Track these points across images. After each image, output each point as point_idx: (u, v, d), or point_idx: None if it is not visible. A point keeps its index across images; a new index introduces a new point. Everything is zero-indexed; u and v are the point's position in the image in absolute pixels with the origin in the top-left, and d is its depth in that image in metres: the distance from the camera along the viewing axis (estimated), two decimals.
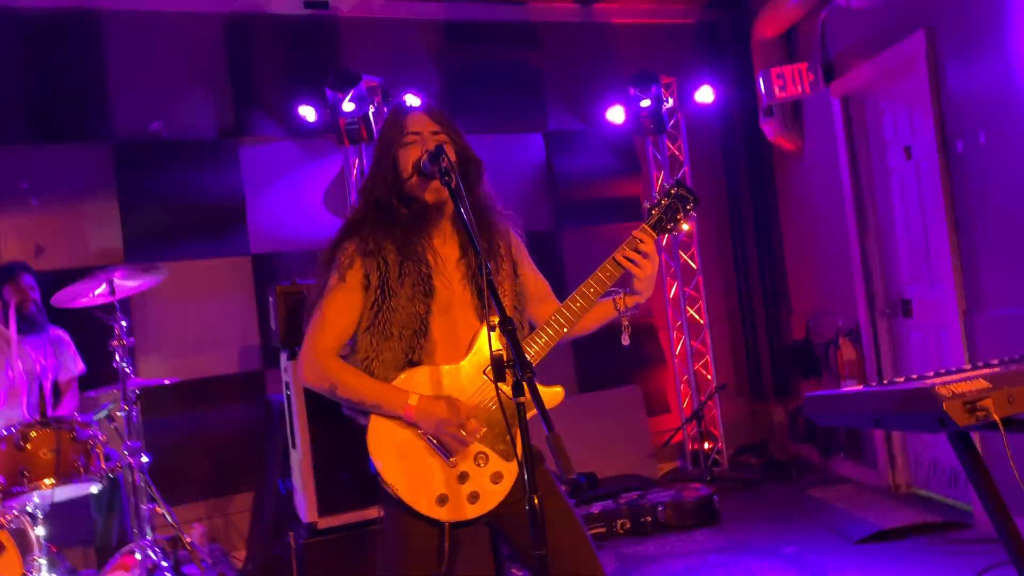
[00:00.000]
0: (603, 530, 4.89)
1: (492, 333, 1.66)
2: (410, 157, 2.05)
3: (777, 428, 6.43)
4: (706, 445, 6.09)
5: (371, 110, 5.08)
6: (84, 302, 3.89)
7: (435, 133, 2.10)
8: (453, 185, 1.90)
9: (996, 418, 1.46)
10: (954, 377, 1.60)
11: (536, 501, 1.60)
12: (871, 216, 5.21)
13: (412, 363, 2.01)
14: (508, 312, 2.00)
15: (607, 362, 5.91)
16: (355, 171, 5.34)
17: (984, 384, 1.50)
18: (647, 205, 2.25)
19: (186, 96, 5.24)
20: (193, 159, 5.23)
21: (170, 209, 5.15)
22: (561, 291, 6.14)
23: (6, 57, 4.88)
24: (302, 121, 5.23)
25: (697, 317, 6.26)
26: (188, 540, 3.90)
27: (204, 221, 5.22)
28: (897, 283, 5.09)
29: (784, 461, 6.04)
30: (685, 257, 6.23)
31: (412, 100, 5.22)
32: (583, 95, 6.17)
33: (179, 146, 5.20)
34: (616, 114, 6.02)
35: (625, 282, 2.24)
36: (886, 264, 5.17)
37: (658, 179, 6.30)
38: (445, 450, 1.95)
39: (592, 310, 2.20)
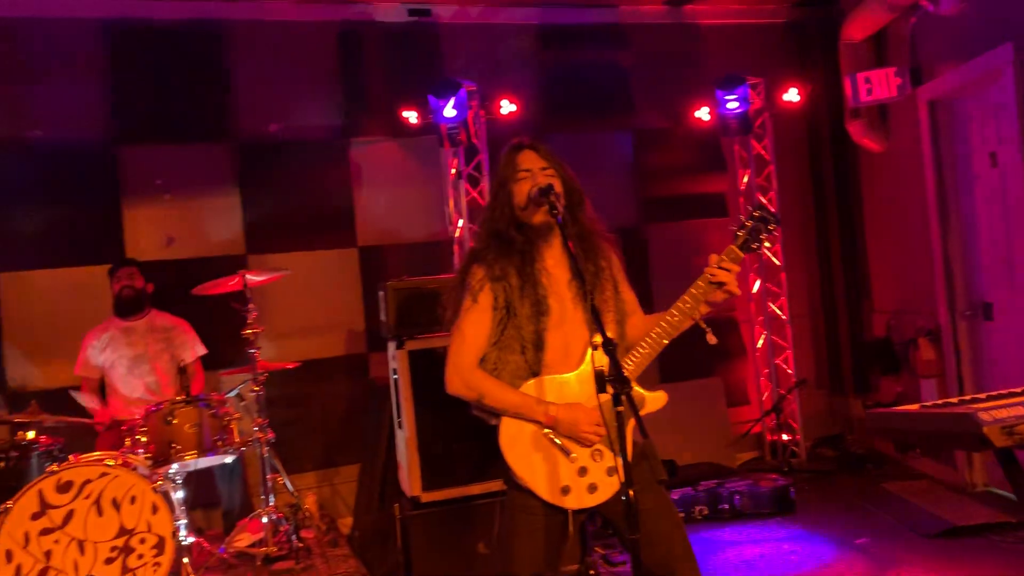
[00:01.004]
0: (681, 515, 5.11)
1: (595, 352, 1.98)
2: (523, 191, 2.37)
3: (855, 422, 6.56)
4: (784, 437, 6.28)
5: (470, 114, 5.40)
6: (219, 291, 4.36)
7: (544, 169, 2.40)
8: (559, 219, 2.21)
9: None
10: (999, 403, 1.82)
11: (631, 494, 1.91)
12: (954, 219, 5.29)
13: (533, 373, 2.33)
14: (611, 328, 2.32)
15: (689, 354, 6.11)
16: (453, 171, 5.70)
17: (1022, 411, 1.73)
18: (733, 228, 2.48)
19: (302, 99, 5.68)
20: (307, 157, 5.68)
21: (286, 204, 5.62)
22: (647, 284, 6.39)
23: (142, 65, 5.40)
24: (406, 124, 5.62)
25: (779, 312, 6.43)
26: (305, 507, 4.35)
27: (316, 215, 5.68)
28: (978, 286, 5.18)
29: (861, 455, 6.18)
30: (768, 254, 6.40)
31: (507, 105, 5.56)
32: (671, 94, 6.37)
33: (295, 145, 5.65)
34: (703, 113, 6.22)
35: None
36: (968, 267, 5.26)
37: (744, 178, 6.47)
38: (567, 449, 2.27)
39: None
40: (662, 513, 2.31)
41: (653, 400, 2.39)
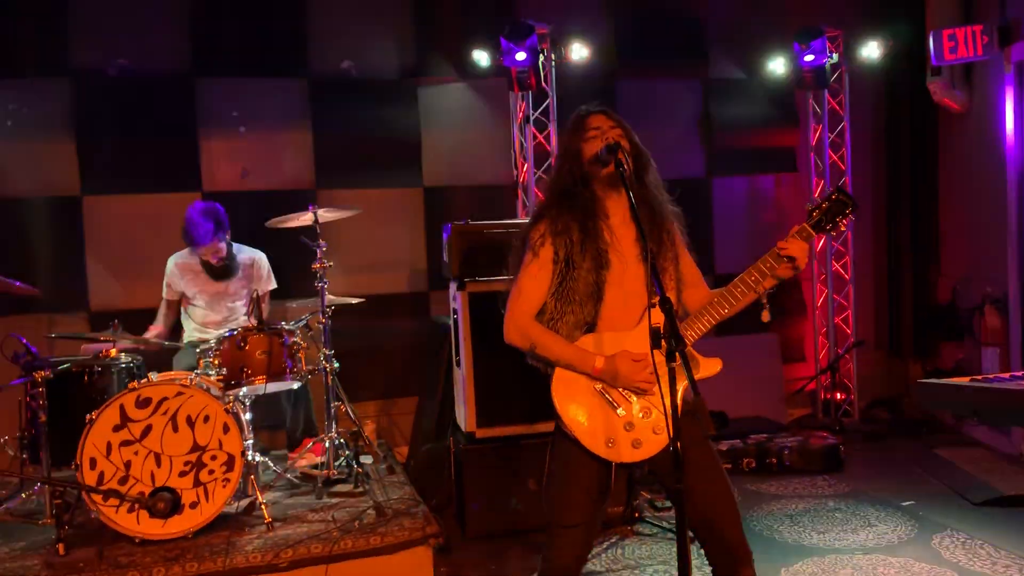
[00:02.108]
0: (729, 466, 5.24)
1: (652, 309, 2.04)
2: (592, 148, 2.41)
3: (913, 386, 6.51)
4: (838, 396, 6.28)
5: (540, 59, 5.40)
6: (291, 226, 4.51)
7: (612, 128, 2.44)
8: (626, 174, 2.26)
9: None
10: None
11: (679, 446, 1.99)
12: None
13: (590, 326, 2.40)
14: (671, 294, 2.37)
15: (745, 309, 6.15)
16: (520, 115, 5.73)
17: None
18: (809, 207, 2.48)
19: (374, 38, 5.74)
20: (377, 96, 5.77)
21: (355, 141, 5.73)
22: (709, 237, 6.38)
23: (223, 1, 5.51)
24: (476, 65, 5.65)
25: (842, 272, 6.36)
26: (365, 434, 4.55)
27: (384, 153, 5.78)
28: None
29: (916, 419, 6.15)
30: None
31: (578, 50, 5.53)
32: (746, 45, 6.27)
33: (366, 83, 5.74)
34: (778, 65, 6.10)
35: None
36: None
37: (816, 133, 6.35)
38: (615, 403, 2.36)
39: None
40: (708, 470, 2.38)
41: (708, 365, 2.45)
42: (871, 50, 5.95)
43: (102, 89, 5.36)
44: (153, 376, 3.97)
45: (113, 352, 4.19)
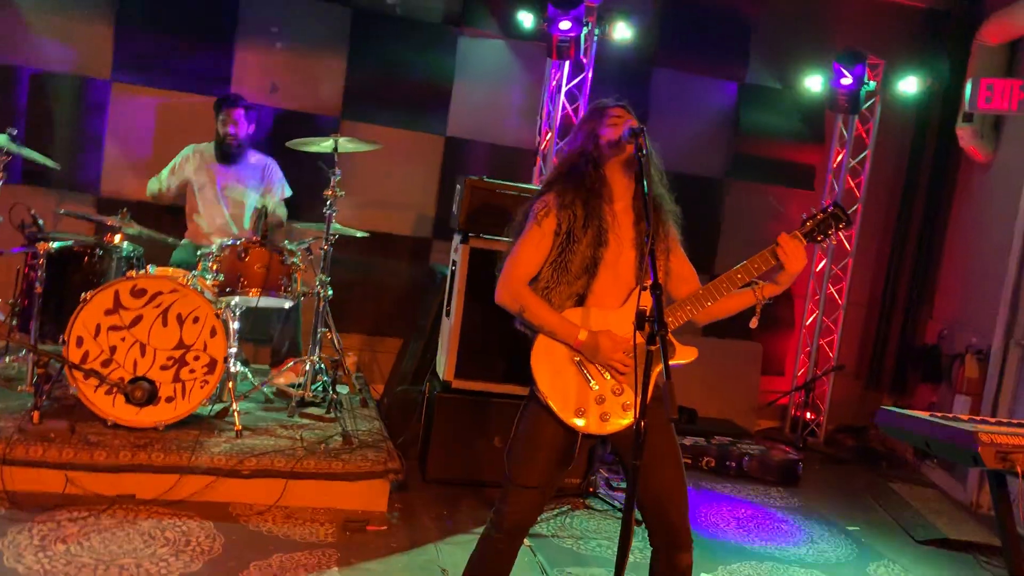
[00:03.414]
0: (689, 461, 5.36)
1: (642, 292, 2.13)
2: (611, 134, 2.48)
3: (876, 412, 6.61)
4: (808, 415, 6.39)
5: (583, 31, 5.42)
6: (311, 151, 4.57)
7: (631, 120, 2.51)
8: (644, 158, 2.33)
9: (1019, 470, 1.81)
10: (1005, 430, 1.93)
11: (643, 424, 2.08)
12: None
13: (580, 298, 2.49)
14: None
15: (736, 315, 6.24)
16: (553, 83, 5.75)
17: (1022, 441, 1.84)
18: (804, 216, 2.56)
19: None
20: (417, 37, 5.78)
21: (387, 78, 5.76)
22: (714, 237, 6.43)
23: None
24: (519, 25, 5.67)
25: (836, 296, 6.44)
26: (346, 364, 4.65)
27: (413, 96, 5.81)
28: None
29: (878, 451, 6.27)
30: (842, 236, 6.37)
31: (622, 29, 5.55)
32: (786, 56, 6.28)
33: (408, 22, 5.74)
34: (815, 83, 6.12)
35: (768, 275, 2.56)
36: None
37: (838, 156, 6.39)
38: (590, 376, 2.45)
39: (735, 296, 2.55)
40: (667, 455, 2.48)
41: (684, 352, 2.53)
42: (908, 84, 5.98)
43: None
44: (151, 269, 4.05)
45: (116, 238, 4.26)
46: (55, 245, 4.13)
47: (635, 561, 3.56)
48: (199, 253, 4.38)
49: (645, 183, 2.31)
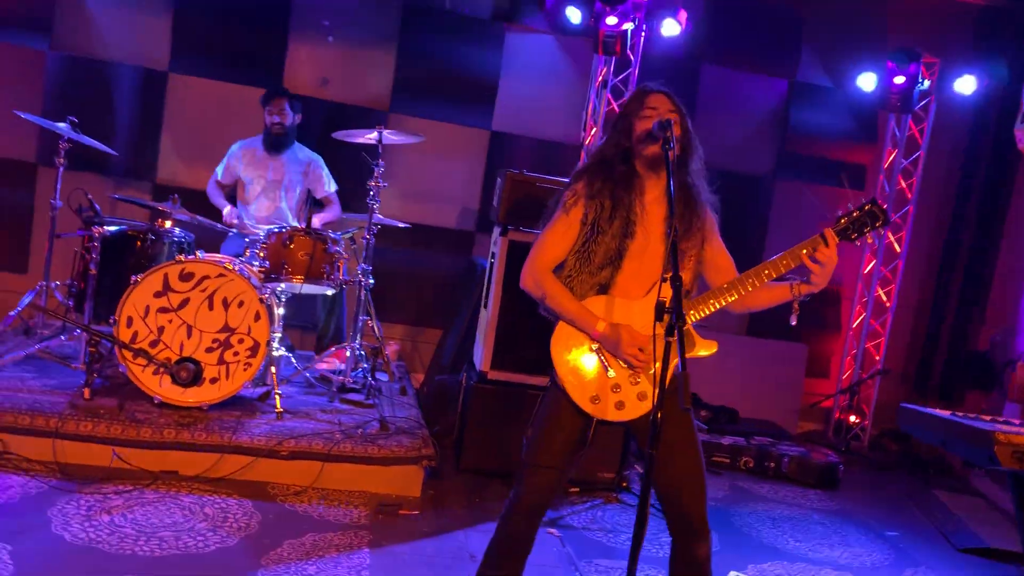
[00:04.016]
0: (727, 461, 5.33)
1: (663, 284, 2.15)
2: (643, 127, 2.49)
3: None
4: (852, 419, 6.30)
5: (630, 27, 5.42)
6: (356, 141, 4.67)
7: (670, 111, 2.51)
8: (670, 154, 2.34)
9: None
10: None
11: (660, 415, 2.10)
12: None
13: (603, 288, 2.51)
14: (687, 275, 2.47)
15: (781, 314, 6.18)
16: (599, 79, 5.76)
17: None
18: (839, 213, 2.53)
19: None
20: (465, 33, 5.86)
21: (435, 72, 5.85)
22: (761, 237, 6.39)
23: None
24: (566, 20, 5.69)
25: (884, 299, 6.33)
26: (386, 353, 4.74)
27: (460, 90, 5.90)
28: None
29: (924, 459, 6.13)
30: (892, 238, 6.26)
31: (671, 26, 5.53)
32: (838, 54, 6.19)
33: (457, 18, 5.82)
34: (867, 81, 6.02)
35: (803, 272, 2.53)
36: None
37: (890, 156, 6.28)
38: (607, 365, 2.48)
39: (769, 290, 2.54)
40: (684, 444, 2.49)
41: (703, 346, 2.54)
42: (965, 84, 5.84)
43: None
44: (200, 254, 4.18)
45: (168, 224, 4.41)
46: (110, 229, 4.28)
47: (662, 556, 3.57)
48: (247, 240, 4.52)
49: (670, 179, 2.32)
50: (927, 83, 5.92)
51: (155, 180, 5.63)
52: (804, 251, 2.47)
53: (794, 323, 2.56)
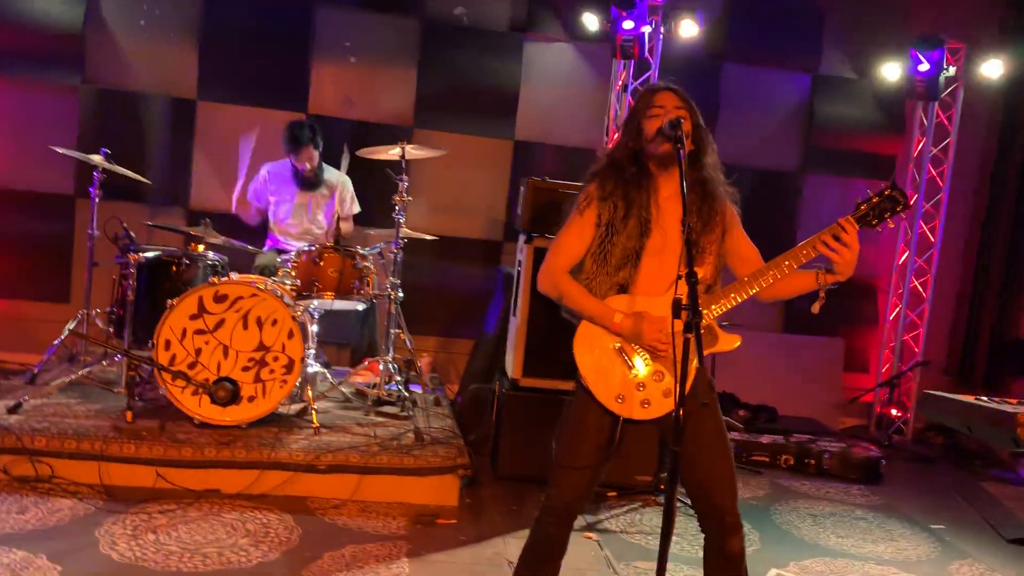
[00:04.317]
0: (766, 459, 5.28)
1: (679, 281, 2.16)
2: (653, 126, 2.50)
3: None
4: (894, 412, 6.21)
5: (647, 30, 5.44)
6: (380, 157, 4.74)
7: (677, 108, 2.52)
8: (681, 153, 2.35)
9: None
10: None
11: (681, 413, 2.11)
12: None
13: (623, 288, 2.52)
14: (707, 269, 2.48)
15: (819, 313, 6.12)
16: (619, 83, 5.78)
17: None
18: (858, 200, 2.49)
19: None
20: (483, 46, 5.92)
21: (456, 86, 5.92)
22: (791, 232, 6.35)
23: None
24: (584, 27, 5.74)
25: (921, 289, 6.24)
26: (418, 365, 4.79)
27: (481, 103, 5.96)
28: None
29: (971, 450, 6.02)
30: (925, 228, 6.18)
31: (688, 27, 5.54)
32: (861, 44, 6.15)
33: (474, 32, 5.89)
34: (891, 71, 5.97)
35: (827, 260, 2.48)
36: None
37: (919, 145, 6.20)
38: (630, 363, 2.49)
39: (795, 278, 2.52)
40: (712, 438, 2.49)
41: (726, 340, 2.54)
42: (992, 68, 5.76)
43: (230, 3, 5.66)
44: (234, 275, 4.28)
45: (200, 248, 4.51)
46: (145, 256, 4.40)
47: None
48: (279, 260, 4.60)
49: (683, 178, 2.32)
50: (952, 69, 5.84)
51: (188, 206, 5.76)
52: (821, 241, 2.44)
53: (816, 311, 2.52)
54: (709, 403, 2.19)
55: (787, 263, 2.48)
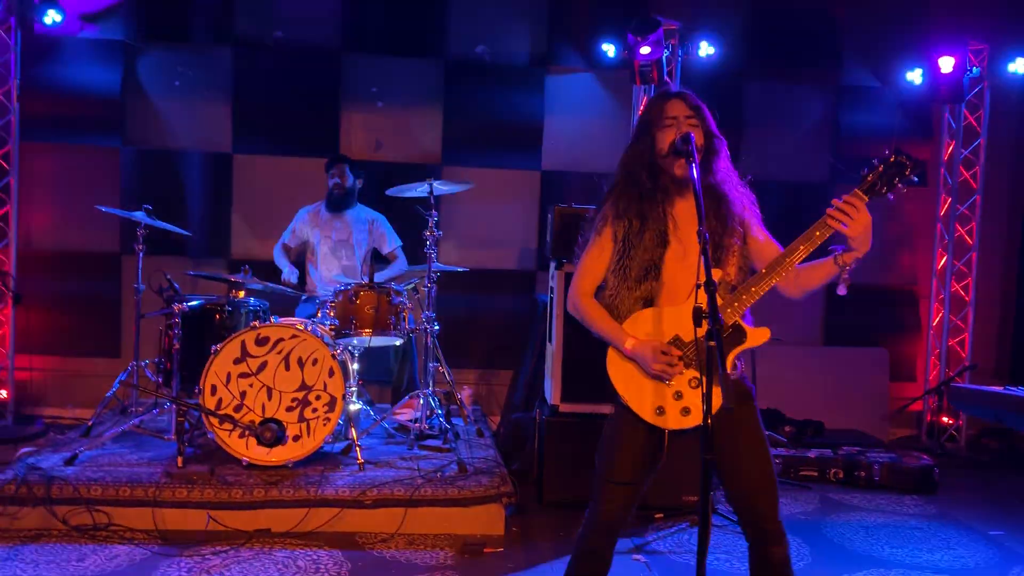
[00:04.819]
0: (815, 474, 5.20)
1: (698, 290, 2.19)
2: (667, 138, 2.54)
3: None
4: (945, 420, 6.09)
5: (665, 54, 5.51)
6: (409, 195, 4.86)
7: (688, 118, 2.56)
8: (694, 168, 2.39)
9: None
10: None
11: (710, 421, 2.12)
12: None
13: (648, 301, 2.55)
14: (731, 269, 2.49)
15: (858, 321, 6.08)
16: (641, 108, 5.83)
17: None
18: (863, 170, 2.42)
19: (509, 24, 6.02)
20: (506, 81, 6.06)
21: (481, 122, 6.06)
22: (824, 243, 6.29)
23: None
24: (603, 56, 5.84)
25: (963, 293, 6.15)
26: (459, 397, 4.85)
27: (507, 136, 6.08)
28: None
29: None
30: (961, 231, 6.10)
31: (707, 48, 5.60)
32: (882, 52, 6.15)
33: (496, 68, 6.04)
34: (915, 76, 5.95)
35: (842, 240, 2.45)
36: None
37: (949, 148, 6.15)
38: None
39: (814, 268, 2.51)
40: (752, 447, 2.49)
41: (755, 335, 2.50)
42: (1018, 66, 5.71)
43: (259, 58, 5.88)
44: (275, 319, 4.39)
45: (242, 294, 4.64)
46: (189, 305, 4.54)
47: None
48: (318, 302, 4.72)
49: (699, 193, 2.34)
50: (976, 70, 5.81)
51: (229, 256, 5.93)
52: (832, 217, 2.39)
53: (842, 293, 2.48)
54: (735, 408, 2.17)
55: (802, 247, 2.43)
